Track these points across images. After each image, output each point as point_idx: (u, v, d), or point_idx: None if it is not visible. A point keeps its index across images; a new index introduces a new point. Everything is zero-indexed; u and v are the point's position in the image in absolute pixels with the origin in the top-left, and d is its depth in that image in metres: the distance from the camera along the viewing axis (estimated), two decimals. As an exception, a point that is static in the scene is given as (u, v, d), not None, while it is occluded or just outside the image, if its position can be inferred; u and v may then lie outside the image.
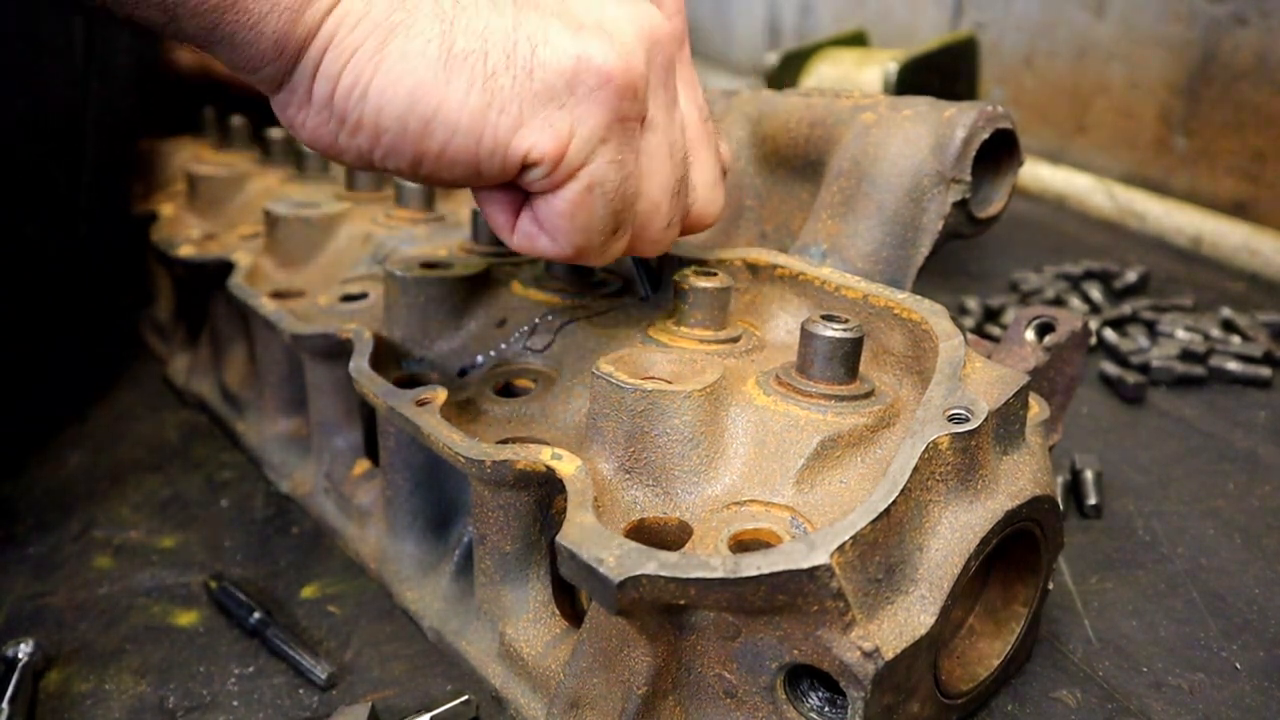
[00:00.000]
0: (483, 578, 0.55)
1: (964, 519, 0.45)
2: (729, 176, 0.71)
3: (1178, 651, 0.58)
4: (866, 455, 0.48)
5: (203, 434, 0.86)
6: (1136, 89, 1.43)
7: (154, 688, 0.57)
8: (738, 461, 0.48)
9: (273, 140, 1.05)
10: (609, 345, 0.59)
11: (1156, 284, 1.18)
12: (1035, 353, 0.60)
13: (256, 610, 0.61)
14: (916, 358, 0.53)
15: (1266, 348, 0.96)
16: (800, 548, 0.39)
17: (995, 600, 0.54)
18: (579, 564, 0.40)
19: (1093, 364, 0.96)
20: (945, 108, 0.61)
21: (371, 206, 0.88)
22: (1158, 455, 0.80)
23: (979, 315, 1.07)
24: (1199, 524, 0.71)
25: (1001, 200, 0.62)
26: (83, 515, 0.74)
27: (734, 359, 0.55)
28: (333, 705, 0.55)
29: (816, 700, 0.44)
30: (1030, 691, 0.55)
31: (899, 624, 0.42)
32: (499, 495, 0.52)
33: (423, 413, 0.54)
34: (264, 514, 0.74)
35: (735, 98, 0.74)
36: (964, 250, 1.28)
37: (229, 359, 0.86)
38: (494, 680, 0.55)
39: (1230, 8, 1.27)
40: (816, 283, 0.58)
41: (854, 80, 1.26)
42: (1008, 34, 1.65)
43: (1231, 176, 1.31)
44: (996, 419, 0.47)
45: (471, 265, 0.69)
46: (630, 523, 0.47)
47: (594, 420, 0.50)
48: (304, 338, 0.67)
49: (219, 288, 0.80)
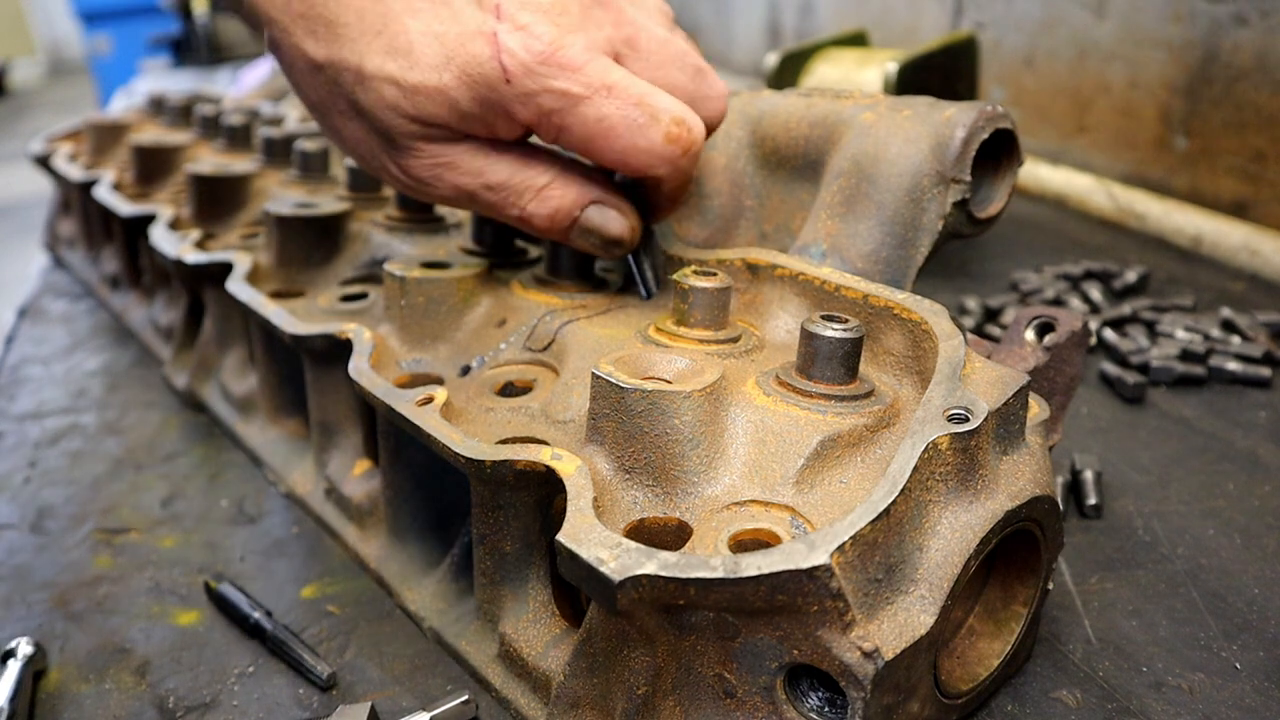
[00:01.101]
0: (482, 578, 0.55)
1: (964, 519, 0.45)
2: (729, 176, 0.70)
3: (1178, 651, 0.58)
4: (866, 455, 0.48)
5: (203, 434, 0.86)
6: (1137, 89, 1.43)
7: (154, 688, 0.57)
8: (738, 462, 0.48)
9: (273, 140, 1.05)
10: (609, 345, 0.59)
11: (1156, 284, 1.18)
12: (1035, 353, 0.60)
13: (256, 610, 0.61)
14: (916, 358, 0.53)
15: (1266, 348, 0.96)
16: (800, 548, 0.39)
17: (995, 600, 0.54)
18: (579, 564, 0.40)
19: (1093, 364, 0.96)
20: (945, 108, 0.61)
21: (371, 207, 0.88)
22: (1158, 455, 0.80)
23: (979, 315, 1.07)
24: (1199, 524, 0.71)
25: (1001, 200, 0.62)
26: (83, 515, 0.74)
27: (734, 359, 0.55)
28: (333, 705, 0.55)
29: (816, 700, 0.44)
30: (1030, 691, 0.55)
31: (899, 624, 0.42)
32: (499, 495, 0.52)
33: (423, 413, 0.54)
34: (264, 514, 0.74)
35: (735, 98, 0.74)
36: (964, 250, 1.28)
37: (229, 359, 0.86)
38: (494, 680, 0.55)
39: (1230, 8, 1.27)
40: (816, 283, 0.58)
41: (854, 80, 1.26)
42: (1008, 34, 1.65)
43: (1231, 176, 1.31)
44: (996, 419, 0.47)
45: (471, 265, 0.69)
46: (630, 523, 0.47)
47: (594, 420, 0.50)
48: (304, 338, 0.67)
49: (219, 288, 0.80)
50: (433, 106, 0.54)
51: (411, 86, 0.53)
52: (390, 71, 0.54)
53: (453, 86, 0.53)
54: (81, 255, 1.25)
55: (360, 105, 0.56)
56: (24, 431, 0.88)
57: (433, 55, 0.53)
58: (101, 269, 1.17)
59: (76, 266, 1.25)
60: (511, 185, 0.58)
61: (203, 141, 1.18)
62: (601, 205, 0.60)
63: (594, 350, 0.59)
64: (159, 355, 0.99)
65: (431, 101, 0.54)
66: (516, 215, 0.60)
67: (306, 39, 0.55)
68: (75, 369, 1.00)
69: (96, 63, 5.84)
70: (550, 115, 0.55)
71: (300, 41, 0.55)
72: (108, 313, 1.14)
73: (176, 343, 0.92)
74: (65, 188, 1.27)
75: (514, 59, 0.53)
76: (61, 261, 1.30)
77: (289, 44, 0.56)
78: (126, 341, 1.06)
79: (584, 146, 0.56)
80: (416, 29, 0.53)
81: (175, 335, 0.93)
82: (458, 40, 0.53)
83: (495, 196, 0.59)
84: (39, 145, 1.27)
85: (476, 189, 0.59)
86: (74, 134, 1.33)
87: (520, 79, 0.53)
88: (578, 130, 0.55)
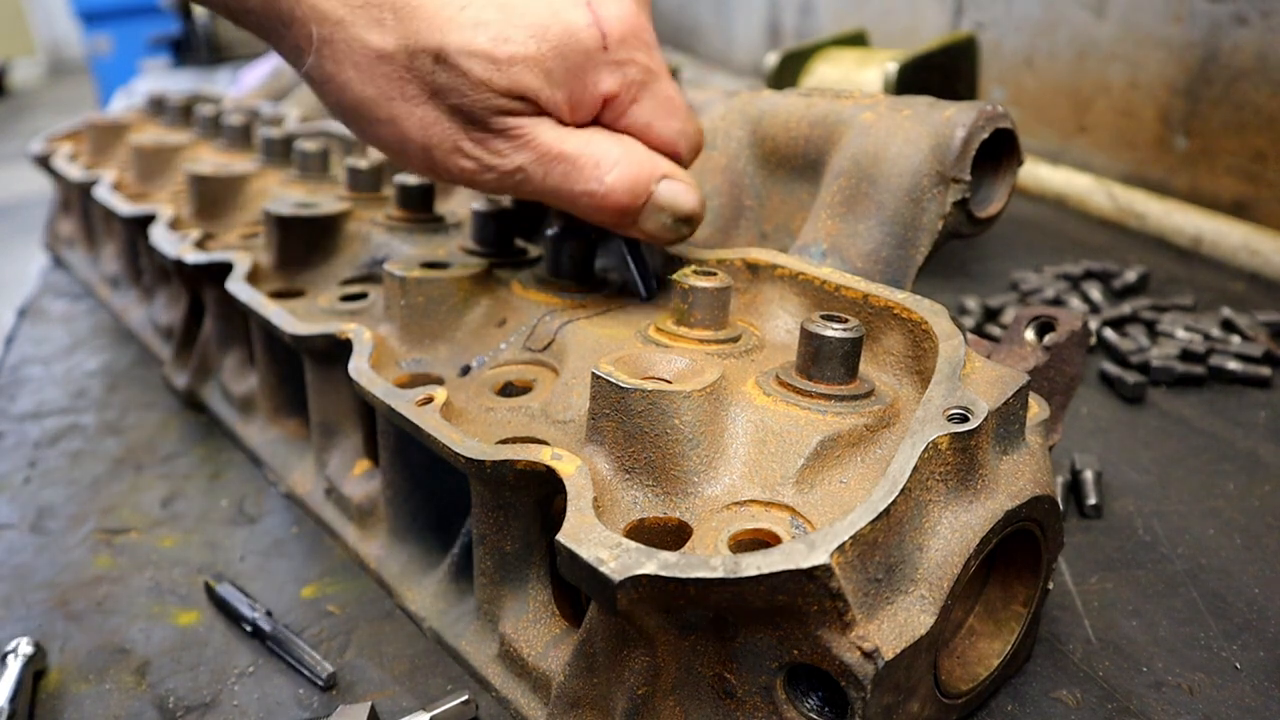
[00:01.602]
0: (483, 578, 0.55)
1: (964, 519, 0.45)
2: (729, 176, 0.71)
3: (1178, 651, 0.58)
4: (866, 455, 0.48)
5: (203, 434, 0.86)
6: (1136, 89, 1.43)
7: (154, 688, 0.57)
8: (738, 461, 0.48)
9: (273, 140, 1.05)
10: (609, 345, 0.59)
11: (1156, 284, 1.18)
12: (1035, 352, 0.60)
13: (256, 610, 0.61)
14: (916, 358, 0.53)
15: (1266, 348, 0.96)
16: (800, 548, 0.39)
17: (995, 600, 0.54)
18: (579, 564, 0.40)
19: (1093, 364, 0.96)
20: (945, 108, 0.61)
21: (371, 207, 0.88)
22: (1158, 455, 0.80)
23: (979, 315, 1.07)
24: (1199, 524, 0.71)
25: (1001, 200, 0.62)
26: (83, 515, 0.74)
27: (734, 359, 0.55)
28: (333, 705, 0.55)
29: (816, 700, 0.44)
30: (1030, 691, 0.55)
31: (899, 624, 0.42)
32: (499, 495, 0.52)
33: (423, 413, 0.54)
34: (264, 514, 0.74)
35: (735, 98, 0.74)
36: (964, 250, 1.28)
37: (229, 359, 0.86)
38: (494, 680, 0.55)
39: (1230, 8, 1.27)
40: (816, 283, 0.58)
41: (854, 80, 1.26)
42: (1008, 34, 1.65)
43: (1231, 176, 1.31)
44: (996, 419, 0.47)
45: (471, 265, 0.69)
46: (630, 523, 0.47)
47: (594, 420, 0.50)
48: (304, 338, 0.67)
49: (219, 288, 0.80)
50: (528, 76, 0.55)
51: (506, 58, 0.54)
52: (480, 45, 0.54)
53: (549, 55, 0.55)
54: (81, 255, 1.25)
55: (439, 86, 0.56)
56: (24, 431, 0.88)
57: (528, 25, 0.55)
58: (101, 269, 1.17)
59: (76, 266, 1.25)
60: (588, 154, 0.59)
61: (203, 141, 1.18)
62: (671, 179, 0.60)
63: (594, 350, 0.59)
64: (159, 355, 0.99)
65: (527, 70, 0.55)
66: (594, 189, 0.59)
67: (371, 29, 0.55)
68: (75, 369, 1.00)
69: (96, 63, 5.84)
70: (633, 85, 0.58)
71: (362, 33, 0.55)
72: (108, 313, 1.14)
73: (176, 343, 0.92)
74: (65, 188, 1.27)
75: (612, 27, 0.56)
76: (61, 261, 1.30)
77: (344, 39, 0.55)
78: (126, 341, 1.06)
79: (649, 121, 0.59)
80: (505, 2, 0.55)
81: (175, 335, 0.93)
82: (553, 9, 0.55)
83: (571, 168, 0.58)
84: (39, 145, 1.27)
85: (552, 159, 0.58)
86: (74, 134, 1.33)
87: (616, 46, 0.56)
88: (649, 104, 0.59)
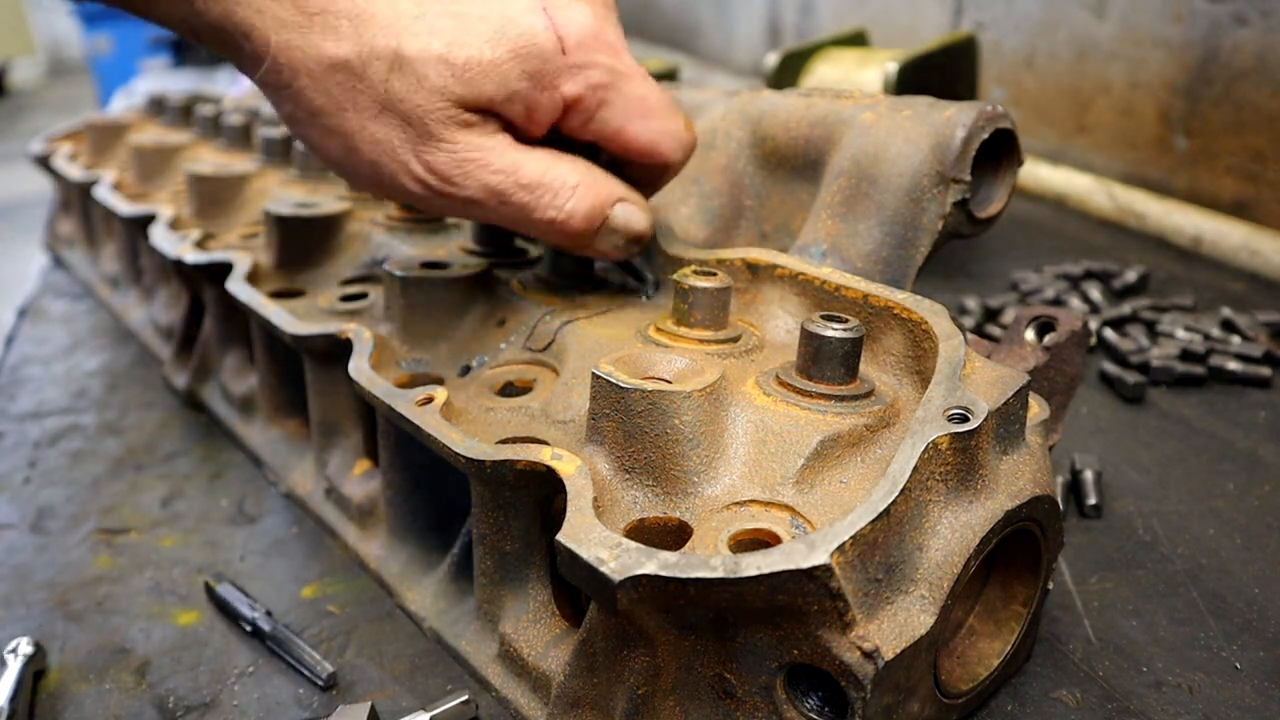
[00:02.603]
0: (483, 578, 0.55)
1: (964, 519, 0.45)
2: (729, 176, 0.71)
3: (1178, 651, 0.58)
4: (866, 455, 0.48)
5: (203, 434, 0.86)
6: (1137, 89, 1.43)
7: (154, 688, 0.57)
8: (738, 461, 0.48)
9: (273, 140, 1.05)
10: (609, 345, 0.59)
11: (1156, 284, 1.18)
12: (1035, 352, 0.60)
13: (256, 610, 0.61)
14: (916, 358, 0.53)
15: (1266, 348, 0.96)
16: (800, 548, 0.39)
17: (995, 600, 0.54)
18: (579, 564, 0.40)
19: (1093, 364, 0.96)
20: (945, 108, 0.61)
21: (371, 207, 0.88)
22: (1158, 455, 0.80)
23: (979, 315, 1.07)
24: (1199, 524, 0.71)
25: (1001, 200, 0.62)
26: (83, 515, 0.74)
27: (734, 359, 0.55)
28: (333, 705, 0.54)
29: (816, 700, 0.44)
30: (1030, 691, 0.55)
31: (899, 624, 0.42)
32: (499, 495, 0.52)
33: (423, 413, 0.54)
34: (264, 514, 0.74)
35: (735, 98, 0.74)
36: (964, 250, 1.28)
37: (229, 359, 0.86)
38: (494, 680, 0.55)
39: (1230, 8, 1.27)
40: (816, 283, 0.58)
41: (854, 80, 1.26)
42: (1008, 34, 1.65)
43: (1231, 176, 1.31)
44: (996, 419, 0.47)
45: (471, 265, 0.69)
46: (630, 523, 0.47)
47: (594, 420, 0.50)
48: (304, 338, 0.67)
49: (219, 288, 0.80)
50: (483, 83, 0.54)
51: (462, 63, 0.54)
52: (436, 50, 0.54)
53: (505, 60, 0.54)
54: (81, 255, 1.25)
55: (392, 95, 0.55)
56: (24, 431, 0.88)
57: (483, 31, 0.54)
58: (101, 269, 1.17)
59: (76, 266, 1.25)
60: (546, 183, 0.57)
61: (203, 141, 1.18)
62: (625, 203, 0.60)
63: (594, 350, 0.59)
64: (159, 355, 0.99)
65: (484, 77, 0.54)
66: (552, 218, 0.58)
67: (325, 37, 0.54)
68: (75, 369, 1.00)
69: (96, 63, 5.83)
70: (597, 89, 0.56)
71: (318, 40, 0.54)
72: (108, 313, 1.14)
73: (176, 343, 0.92)
74: (65, 188, 1.27)
75: (569, 31, 0.55)
76: (61, 261, 1.30)
77: (297, 47, 0.55)
78: (126, 341, 1.06)
79: (620, 124, 0.58)
80: (461, 9, 0.54)
81: (175, 335, 0.93)
82: (508, 16, 0.55)
83: (529, 196, 0.57)
84: (39, 145, 1.27)
85: (509, 187, 0.57)
86: (74, 134, 1.33)
87: (574, 51, 0.55)
88: (619, 107, 0.57)
